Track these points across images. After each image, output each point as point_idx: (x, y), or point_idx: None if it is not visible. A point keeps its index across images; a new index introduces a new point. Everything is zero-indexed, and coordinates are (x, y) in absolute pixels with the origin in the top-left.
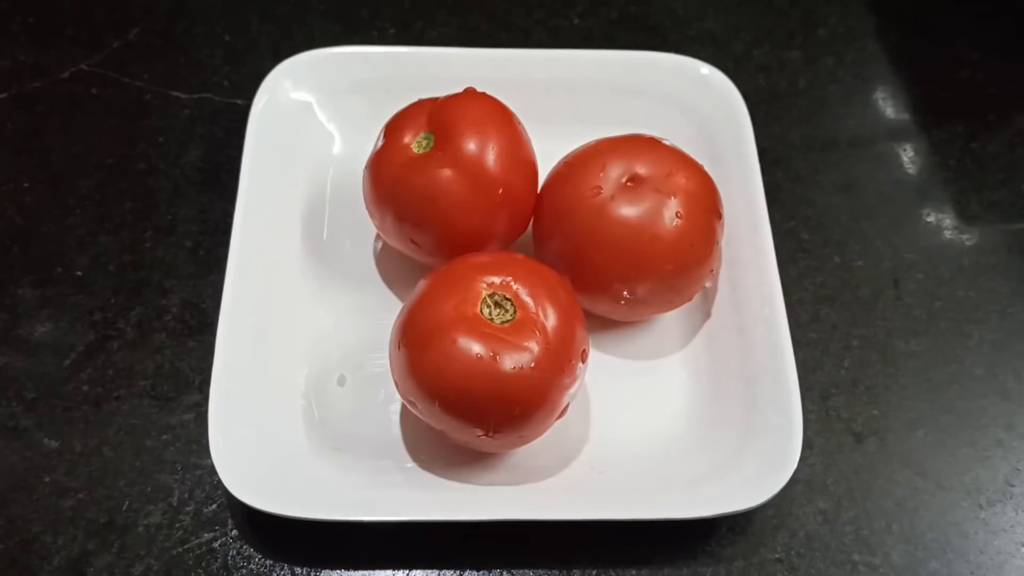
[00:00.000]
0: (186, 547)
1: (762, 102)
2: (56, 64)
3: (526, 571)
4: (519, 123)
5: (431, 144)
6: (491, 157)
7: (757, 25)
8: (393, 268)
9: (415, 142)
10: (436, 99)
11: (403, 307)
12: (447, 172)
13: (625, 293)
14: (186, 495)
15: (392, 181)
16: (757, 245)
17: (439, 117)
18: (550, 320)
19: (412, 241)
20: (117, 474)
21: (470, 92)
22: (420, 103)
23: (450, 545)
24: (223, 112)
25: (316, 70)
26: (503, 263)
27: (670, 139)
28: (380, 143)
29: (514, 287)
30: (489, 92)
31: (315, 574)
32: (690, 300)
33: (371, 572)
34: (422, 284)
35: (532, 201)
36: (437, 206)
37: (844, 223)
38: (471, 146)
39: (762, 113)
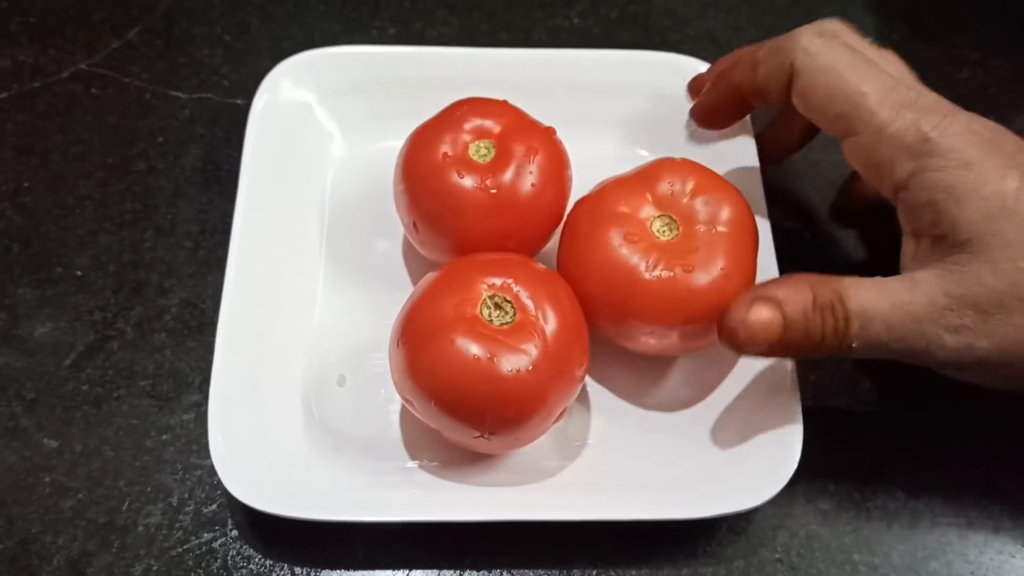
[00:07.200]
0: (186, 547)
1: None
2: (56, 64)
3: (526, 571)
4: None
5: (491, 156)
6: (538, 191)
7: (757, 25)
8: (393, 268)
9: (474, 145)
10: (495, 106)
11: (404, 305)
12: (494, 191)
13: (652, 341)
14: (186, 495)
15: (436, 174)
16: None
17: (502, 133)
18: (550, 324)
19: (414, 226)
20: (117, 474)
21: (538, 125)
22: (475, 104)
23: (450, 545)
24: (223, 112)
25: (316, 70)
26: (505, 264)
27: (670, 139)
28: (435, 131)
29: (515, 289)
30: (489, 92)
31: (315, 574)
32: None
33: (371, 572)
34: (424, 282)
35: (550, 234)
36: (468, 214)
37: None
38: (528, 181)
39: (762, 113)
